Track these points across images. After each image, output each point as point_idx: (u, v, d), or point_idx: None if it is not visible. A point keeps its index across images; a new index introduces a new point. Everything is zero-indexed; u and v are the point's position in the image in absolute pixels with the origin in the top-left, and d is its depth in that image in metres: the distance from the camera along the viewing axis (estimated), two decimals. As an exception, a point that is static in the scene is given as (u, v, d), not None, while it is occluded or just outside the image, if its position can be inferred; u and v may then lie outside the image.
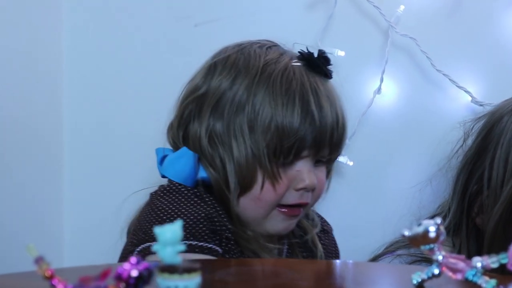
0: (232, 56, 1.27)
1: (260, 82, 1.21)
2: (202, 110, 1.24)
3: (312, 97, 1.20)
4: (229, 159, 1.21)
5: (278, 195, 1.22)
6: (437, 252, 0.86)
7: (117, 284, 0.69)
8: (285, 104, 1.19)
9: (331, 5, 1.58)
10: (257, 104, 1.20)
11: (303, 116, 1.19)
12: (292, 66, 1.24)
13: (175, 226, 0.71)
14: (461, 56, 1.58)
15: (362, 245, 1.52)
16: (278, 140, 1.19)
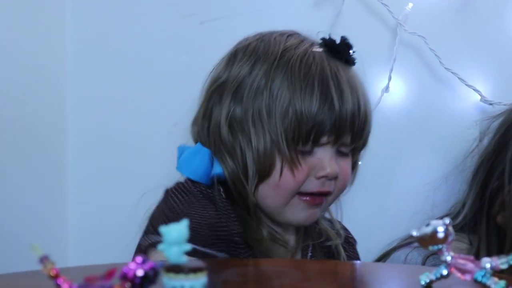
0: (252, 43, 1.26)
1: (279, 67, 1.20)
2: (223, 98, 1.23)
3: (332, 82, 1.19)
4: (248, 146, 1.20)
5: (298, 182, 1.20)
6: (446, 252, 0.86)
7: (123, 283, 0.69)
8: (304, 89, 1.18)
9: (339, 3, 1.58)
10: (275, 89, 1.18)
11: (322, 101, 1.17)
12: (312, 51, 1.23)
13: (181, 225, 0.71)
14: (470, 54, 1.58)
15: (369, 245, 1.52)
16: (296, 125, 1.17)
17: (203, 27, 1.66)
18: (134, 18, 1.69)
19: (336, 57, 1.24)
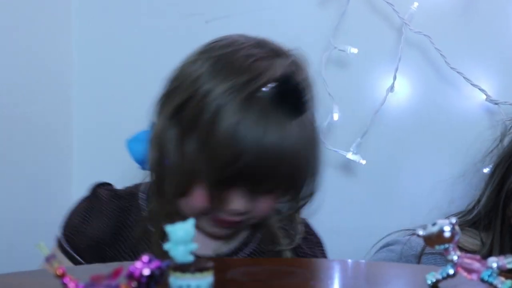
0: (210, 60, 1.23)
1: (214, 113, 1.16)
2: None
3: (256, 139, 1.14)
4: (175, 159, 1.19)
5: (206, 208, 1.19)
6: (452, 252, 0.86)
7: (129, 283, 0.69)
8: (229, 138, 1.14)
9: (344, 2, 1.58)
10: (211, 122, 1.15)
11: (240, 155, 1.14)
12: (253, 99, 1.16)
13: (187, 225, 0.71)
14: (475, 53, 1.58)
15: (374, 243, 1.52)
16: (214, 168, 1.15)
17: (209, 26, 1.66)
18: (140, 17, 1.69)
19: (283, 106, 1.17)
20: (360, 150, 1.58)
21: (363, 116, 1.60)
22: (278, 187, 1.20)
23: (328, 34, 1.59)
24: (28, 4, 1.59)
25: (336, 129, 1.60)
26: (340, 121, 1.58)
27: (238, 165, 1.13)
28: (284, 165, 1.16)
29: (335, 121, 1.58)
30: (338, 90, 1.58)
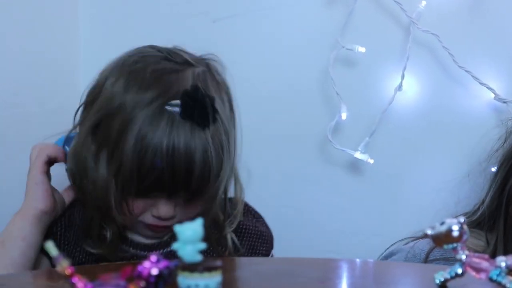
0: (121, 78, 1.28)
1: (123, 130, 1.21)
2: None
3: (165, 151, 1.18)
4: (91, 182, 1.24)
5: (134, 217, 1.26)
6: (461, 251, 0.86)
7: (137, 282, 0.70)
8: (136, 164, 1.19)
9: (351, 1, 1.58)
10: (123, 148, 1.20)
11: (151, 168, 1.19)
12: (161, 118, 1.20)
13: (195, 224, 0.71)
14: (484, 52, 1.57)
15: (381, 243, 1.52)
16: (127, 182, 1.20)
17: (216, 25, 1.67)
18: (147, 16, 1.70)
19: (192, 121, 1.21)
20: (368, 150, 1.59)
21: (371, 115, 1.60)
22: (194, 195, 1.25)
23: (335, 33, 1.59)
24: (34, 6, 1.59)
25: (343, 128, 1.61)
26: (348, 120, 1.58)
27: (149, 178, 1.19)
28: (194, 175, 1.20)
29: (343, 120, 1.58)
30: (346, 89, 1.59)
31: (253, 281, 0.91)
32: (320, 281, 0.92)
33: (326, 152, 1.64)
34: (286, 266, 1.00)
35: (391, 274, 1.00)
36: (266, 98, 1.66)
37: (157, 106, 1.19)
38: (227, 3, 1.67)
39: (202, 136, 1.20)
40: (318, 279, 0.93)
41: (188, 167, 1.20)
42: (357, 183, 1.64)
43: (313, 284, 0.91)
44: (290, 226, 1.66)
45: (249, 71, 1.66)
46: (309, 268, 0.98)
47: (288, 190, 1.67)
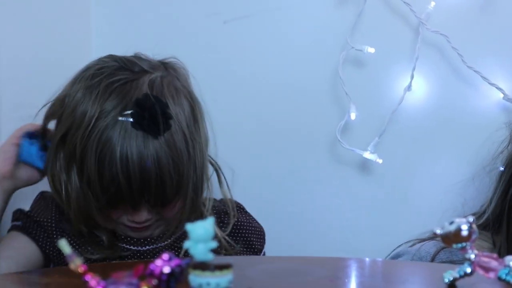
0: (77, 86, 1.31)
1: (87, 135, 1.24)
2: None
3: (119, 162, 1.21)
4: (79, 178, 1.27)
5: (113, 221, 1.29)
6: (470, 250, 0.86)
7: (149, 280, 0.70)
8: (97, 176, 1.22)
9: (361, 2, 1.58)
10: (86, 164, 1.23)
11: (111, 191, 1.22)
12: (113, 130, 1.23)
13: (207, 223, 0.72)
14: (492, 52, 1.57)
15: (389, 242, 1.52)
16: (95, 194, 1.23)
17: (227, 26, 1.67)
18: (159, 17, 1.70)
19: (143, 130, 1.23)
20: (377, 150, 1.58)
21: (380, 115, 1.60)
22: (158, 202, 1.26)
23: (345, 34, 1.59)
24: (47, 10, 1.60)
25: (353, 128, 1.61)
26: (357, 120, 1.58)
27: (111, 189, 1.22)
28: (151, 183, 1.22)
29: (352, 120, 1.58)
30: (356, 90, 1.59)
31: (263, 280, 0.92)
32: (329, 279, 0.92)
33: (335, 152, 1.64)
34: (295, 264, 1.00)
35: (400, 273, 1.00)
36: (276, 98, 1.66)
37: (112, 117, 1.22)
38: (238, 4, 1.67)
39: (155, 144, 1.22)
40: (327, 277, 0.93)
41: (143, 176, 1.21)
42: (366, 183, 1.64)
43: (322, 283, 0.91)
44: (300, 224, 1.67)
45: (259, 71, 1.66)
46: (318, 266, 0.98)
47: (298, 189, 1.67)
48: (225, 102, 1.63)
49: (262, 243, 1.42)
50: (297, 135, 1.66)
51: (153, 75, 1.28)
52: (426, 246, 1.38)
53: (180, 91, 1.30)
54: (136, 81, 1.26)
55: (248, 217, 1.44)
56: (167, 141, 1.23)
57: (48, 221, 1.33)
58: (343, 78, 1.58)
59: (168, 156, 1.24)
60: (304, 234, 1.66)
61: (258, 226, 1.44)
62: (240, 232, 1.40)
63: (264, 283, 0.90)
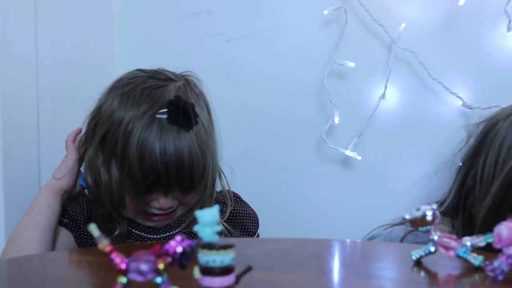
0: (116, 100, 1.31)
1: (123, 139, 1.25)
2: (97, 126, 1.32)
3: (157, 151, 1.22)
4: (108, 173, 1.28)
5: (138, 209, 1.30)
6: (433, 233, 0.86)
7: (165, 258, 0.70)
8: (137, 155, 1.23)
9: (343, 24, 1.58)
10: (126, 158, 1.24)
11: (149, 180, 1.24)
12: (151, 127, 1.24)
13: (213, 210, 0.72)
14: (453, 66, 1.57)
15: (367, 226, 1.51)
16: (137, 181, 1.24)
17: (229, 45, 1.67)
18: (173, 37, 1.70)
19: (178, 124, 1.25)
20: (356, 148, 1.59)
21: (359, 119, 1.60)
22: (187, 188, 1.28)
23: (329, 51, 1.59)
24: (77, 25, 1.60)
25: (336, 130, 1.61)
26: (340, 123, 1.58)
27: (150, 176, 1.23)
28: (184, 169, 1.24)
29: (336, 124, 1.58)
30: (338, 98, 1.59)
31: (260, 258, 0.92)
32: (316, 257, 0.92)
33: (322, 150, 1.64)
34: (288, 245, 1.00)
35: (376, 252, 1.00)
36: (272, 105, 1.66)
37: (149, 116, 1.24)
38: (239, 26, 1.67)
39: (187, 136, 1.24)
40: (314, 256, 0.93)
41: (178, 164, 1.23)
42: (347, 177, 1.64)
43: (310, 260, 0.91)
44: (291, 212, 1.66)
45: (257, 82, 1.66)
46: (307, 247, 0.98)
47: (290, 181, 1.67)
48: (228, 107, 1.62)
49: (256, 227, 1.43)
50: (289, 136, 1.66)
51: (177, 83, 1.31)
52: (396, 229, 1.38)
53: (199, 96, 1.33)
54: (165, 86, 1.29)
55: (244, 205, 1.45)
56: (195, 134, 1.25)
57: (79, 215, 1.35)
58: (328, 88, 1.58)
59: (196, 147, 1.25)
60: (295, 219, 1.66)
61: (252, 212, 1.45)
62: (237, 219, 1.41)
63: (261, 261, 0.90)
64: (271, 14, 1.66)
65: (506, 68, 1.54)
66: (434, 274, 0.84)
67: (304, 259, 0.92)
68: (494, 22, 1.54)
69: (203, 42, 1.67)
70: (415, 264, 0.87)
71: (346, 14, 1.57)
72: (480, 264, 0.83)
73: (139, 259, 0.70)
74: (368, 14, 1.57)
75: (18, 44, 1.38)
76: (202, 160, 1.27)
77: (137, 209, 1.30)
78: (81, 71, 1.60)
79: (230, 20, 1.67)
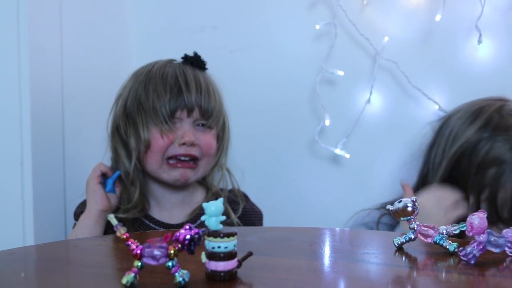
0: (140, 69, 1.38)
1: (147, 78, 1.32)
2: (118, 104, 1.38)
3: (181, 78, 1.30)
4: (135, 129, 1.31)
5: (165, 146, 1.29)
6: (413, 222, 0.86)
7: (175, 244, 0.70)
8: (162, 85, 1.29)
9: (333, 37, 1.58)
10: (145, 89, 1.31)
11: (173, 91, 1.29)
12: (171, 63, 1.36)
13: (218, 202, 0.72)
14: (431, 75, 1.57)
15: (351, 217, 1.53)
16: (160, 107, 1.28)
17: (232, 56, 1.67)
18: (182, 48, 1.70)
19: (192, 65, 1.36)
20: (345, 147, 1.59)
21: (347, 122, 1.60)
22: (204, 116, 1.32)
23: (321, 61, 1.59)
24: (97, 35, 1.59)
25: (327, 132, 1.61)
26: (330, 125, 1.58)
27: (176, 88, 1.29)
28: (203, 85, 1.32)
29: (327, 126, 1.58)
30: (329, 103, 1.59)
31: (259, 244, 0.92)
32: (309, 244, 0.92)
33: (314, 149, 1.64)
34: (284, 233, 1.00)
35: (362, 239, 1.00)
36: (270, 110, 1.66)
37: (167, 61, 1.37)
38: (240, 39, 1.67)
39: (205, 74, 1.37)
40: (307, 242, 0.93)
41: (196, 81, 1.31)
42: (337, 172, 1.64)
43: (304, 246, 0.91)
44: (287, 204, 1.67)
45: (256, 88, 1.66)
46: (301, 234, 0.98)
47: (286, 177, 1.67)
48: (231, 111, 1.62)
49: (261, 223, 1.44)
50: (285, 136, 1.66)
51: None
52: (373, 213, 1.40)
53: (217, 87, 1.39)
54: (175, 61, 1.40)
55: (252, 204, 1.45)
56: (211, 78, 1.36)
57: None
58: (320, 94, 1.58)
59: (212, 82, 1.35)
60: (291, 210, 1.67)
61: (259, 211, 1.44)
62: (246, 216, 1.41)
63: (261, 247, 0.90)
64: (269, 28, 1.66)
65: (477, 76, 1.55)
66: (414, 258, 0.84)
67: (299, 245, 0.92)
68: (467, 36, 1.54)
69: (209, 52, 1.65)
70: (397, 250, 0.87)
71: (335, 28, 1.57)
72: (455, 250, 0.83)
73: (152, 245, 0.70)
74: (355, 29, 1.57)
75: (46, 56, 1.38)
76: (217, 97, 1.34)
77: (162, 150, 1.29)
78: (101, 79, 1.60)
79: (232, 34, 1.67)
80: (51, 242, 0.95)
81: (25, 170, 1.30)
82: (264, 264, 0.80)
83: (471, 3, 1.52)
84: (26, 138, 1.29)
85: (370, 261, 0.84)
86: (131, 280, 0.70)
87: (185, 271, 0.71)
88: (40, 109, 1.33)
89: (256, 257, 0.78)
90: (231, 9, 1.67)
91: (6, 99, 1.29)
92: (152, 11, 1.72)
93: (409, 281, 0.77)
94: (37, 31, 1.33)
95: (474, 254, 0.80)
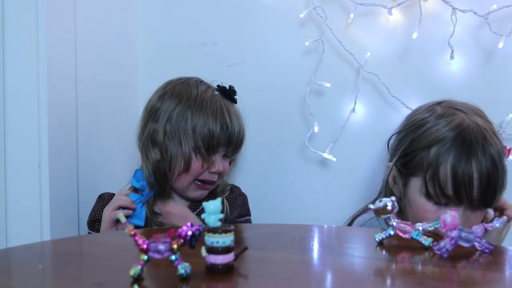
0: (177, 86, 1.37)
1: (197, 105, 1.32)
2: (158, 120, 1.34)
3: (227, 115, 1.32)
4: (178, 150, 1.30)
5: (198, 173, 1.32)
6: (393, 219, 0.87)
7: (178, 239, 0.71)
8: (212, 118, 1.30)
9: (321, 52, 1.58)
10: (196, 116, 1.30)
11: (222, 126, 1.31)
12: (214, 94, 1.35)
13: (216, 201, 0.72)
14: (409, 86, 1.57)
15: (340, 214, 1.52)
16: (207, 139, 1.30)
17: (230, 69, 1.67)
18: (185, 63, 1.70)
19: (227, 98, 1.37)
20: (332, 152, 1.59)
21: (334, 128, 1.60)
22: (234, 151, 1.37)
23: (310, 73, 1.59)
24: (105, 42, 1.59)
25: (316, 137, 1.61)
26: (319, 132, 1.58)
27: (217, 137, 1.30)
28: (240, 136, 1.35)
29: (315, 132, 1.58)
30: (317, 111, 1.59)
31: (254, 239, 0.92)
32: (299, 239, 0.92)
33: (304, 153, 1.64)
34: (276, 229, 1.00)
35: (347, 235, 1.00)
36: (265, 117, 1.66)
37: (211, 91, 1.37)
38: (238, 54, 1.67)
39: (238, 108, 1.39)
40: (298, 238, 0.93)
41: (238, 127, 1.34)
42: (325, 175, 1.64)
43: (294, 242, 0.91)
44: (280, 203, 1.66)
45: (252, 99, 1.65)
46: (293, 231, 0.98)
47: (279, 178, 1.66)
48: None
49: (247, 206, 1.46)
50: (278, 141, 1.66)
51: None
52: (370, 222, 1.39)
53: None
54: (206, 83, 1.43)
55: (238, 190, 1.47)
56: (238, 111, 1.38)
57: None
58: (309, 104, 1.58)
59: (240, 116, 1.38)
60: (283, 209, 1.66)
61: (244, 194, 1.48)
62: (237, 197, 1.44)
63: (255, 242, 0.90)
64: (264, 45, 1.65)
65: (450, 88, 1.55)
66: (393, 252, 0.85)
67: (291, 240, 0.92)
68: (440, 52, 1.55)
69: (209, 66, 1.67)
70: (378, 245, 0.87)
71: (323, 44, 1.58)
72: (430, 245, 0.84)
73: (157, 240, 0.70)
74: (341, 45, 1.57)
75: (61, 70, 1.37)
76: (243, 129, 1.37)
77: (198, 175, 1.31)
78: (111, 90, 1.59)
79: (231, 49, 1.67)
80: (66, 238, 0.95)
81: (43, 172, 1.30)
82: (258, 257, 0.80)
83: (444, 23, 1.52)
84: (43, 143, 1.30)
85: (354, 254, 0.84)
86: (138, 272, 0.70)
87: (187, 264, 0.71)
88: (56, 118, 1.34)
89: (251, 251, 0.78)
90: (230, 27, 1.67)
91: (26, 108, 1.30)
92: (159, 29, 1.71)
93: (389, 272, 0.77)
94: (54, 48, 1.33)
95: (447, 248, 0.80)
